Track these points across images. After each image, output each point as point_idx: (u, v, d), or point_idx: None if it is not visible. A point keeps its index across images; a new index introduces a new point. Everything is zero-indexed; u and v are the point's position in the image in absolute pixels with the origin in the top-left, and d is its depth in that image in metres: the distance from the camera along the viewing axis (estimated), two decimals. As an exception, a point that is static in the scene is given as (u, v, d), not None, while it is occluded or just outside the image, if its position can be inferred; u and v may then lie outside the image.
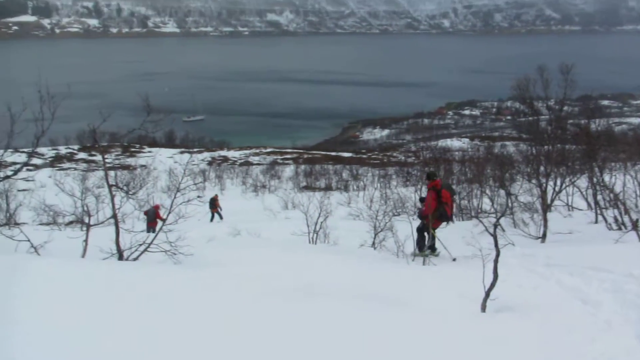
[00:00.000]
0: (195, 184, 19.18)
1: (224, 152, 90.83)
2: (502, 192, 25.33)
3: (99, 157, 75.70)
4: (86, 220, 14.12)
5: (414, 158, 59.14)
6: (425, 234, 15.37)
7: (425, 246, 15.38)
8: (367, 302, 9.49)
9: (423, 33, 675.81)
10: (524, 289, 10.67)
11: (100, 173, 51.87)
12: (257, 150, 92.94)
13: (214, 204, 34.47)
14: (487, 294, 9.38)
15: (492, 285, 9.41)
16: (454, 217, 16.06)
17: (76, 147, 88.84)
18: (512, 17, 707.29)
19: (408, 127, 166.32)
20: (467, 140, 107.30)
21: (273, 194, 48.24)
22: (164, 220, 13.85)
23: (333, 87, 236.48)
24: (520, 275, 11.62)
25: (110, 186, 13.79)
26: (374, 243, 18.39)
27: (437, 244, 15.57)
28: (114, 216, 13.33)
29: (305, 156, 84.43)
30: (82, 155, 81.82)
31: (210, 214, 34.46)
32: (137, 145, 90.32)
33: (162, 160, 69.73)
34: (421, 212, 15.44)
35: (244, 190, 53.60)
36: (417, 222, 16.50)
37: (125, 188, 15.81)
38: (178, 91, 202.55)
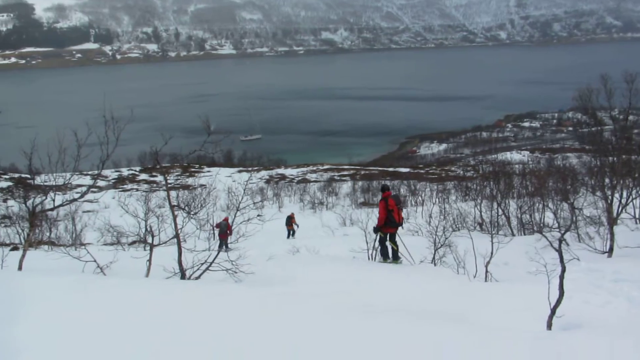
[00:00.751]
0: (254, 203, 19.36)
1: (281, 170, 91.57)
2: (565, 205, 24.69)
3: (160, 178, 77.42)
4: (149, 241, 14.44)
5: (473, 172, 58.36)
6: (387, 243, 17.28)
7: (389, 254, 17.25)
8: (432, 320, 9.35)
9: (479, 46, 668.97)
10: (591, 305, 10.34)
11: (162, 193, 53.04)
12: (314, 168, 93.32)
13: (290, 222, 35.22)
14: (553, 311, 9.13)
15: (558, 302, 9.15)
16: (403, 222, 17.93)
17: (138, 168, 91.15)
18: (572, 26, 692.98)
19: (466, 141, 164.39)
20: (527, 152, 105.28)
21: (331, 210, 48.34)
22: (231, 232, 14.00)
23: (389, 102, 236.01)
24: (587, 292, 11.27)
25: (172, 206, 14.07)
26: (434, 259, 18.17)
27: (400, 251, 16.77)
28: (177, 236, 13.59)
29: (363, 172, 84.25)
30: (143, 176, 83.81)
31: (287, 231, 35.24)
32: (197, 165, 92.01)
33: (221, 179, 70.82)
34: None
35: (302, 207, 53.84)
36: (476, 238, 16.25)
37: (186, 208, 16.08)
38: (235, 111, 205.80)
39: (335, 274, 14.12)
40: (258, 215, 34.99)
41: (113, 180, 79.68)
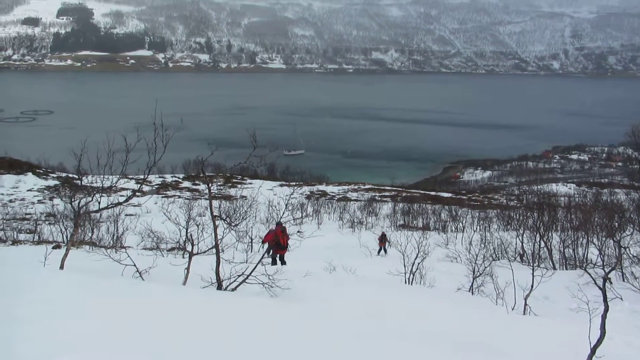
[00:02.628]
0: (294, 219, 19.44)
1: (322, 187, 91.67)
2: (610, 242, 24.13)
3: (203, 187, 78.23)
4: (188, 249, 14.60)
5: (516, 202, 57.55)
6: (277, 259, 23.40)
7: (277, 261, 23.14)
8: (469, 352, 9.20)
9: (531, 74, 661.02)
10: (634, 348, 10.06)
11: (204, 202, 53.59)
12: (355, 186, 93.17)
13: (383, 239, 36.07)
14: (593, 351, 8.89)
15: (599, 341, 8.91)
16: (288, 247, 23.93)
17: (181, 175, 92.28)
18: (628, 60, 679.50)
19: (511, 170, 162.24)
20: (573, 185, 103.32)
21: (370, 231, 48.12)
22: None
23: (436, 126, 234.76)
24: (629, 333, 10.97)
25: (213, 216, 14.21)
26: (471, 287, 17.93)
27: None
28: (216, 246, 13.70)
29: (404, 194, 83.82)
30: (186, 184, 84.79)
31: (378, 248, 35.93)
32: (240, 177, 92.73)
33: (263, 192, 71.32)
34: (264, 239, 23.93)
35: (341, 225, 53.72)
36: (516, 269, 16.04)
37: (227, 219, 16.21)
38: (280, 125, 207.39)
39: (370, 295, 14.05)
40: (298, 232, 35.04)
41: (156, 186, 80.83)
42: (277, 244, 23.37)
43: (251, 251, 30.38)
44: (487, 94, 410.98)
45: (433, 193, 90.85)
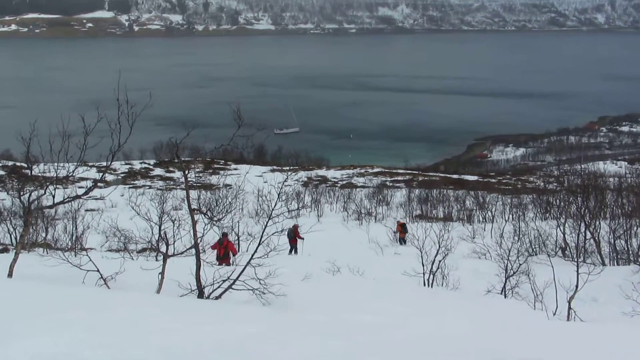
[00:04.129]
0: (289, 211, 19.40)
1: (322, 172, 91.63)
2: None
3: (179, 175, 78.12)
4: (163, 249, 14.55)
5: (556, 184, 57.51)
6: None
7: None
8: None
9: (571, 30, 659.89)
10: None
11: (181, 193, 53.52)
12: (362, 170, 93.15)
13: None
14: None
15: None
16: (235, 256, 25.62)
17: (152, 162, 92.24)
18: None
19: (549, 146, 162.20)
20: (624, 163, 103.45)
21: (380, 223, 48.07)
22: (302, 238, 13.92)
23: (456, 96, 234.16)
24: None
25: (191, 210, 14.16)
26: (504, 289, 17.94)
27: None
28: (195, 246, 13.66)
29: (421, 179, 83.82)
30: (158, 171, 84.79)
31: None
32: (222, 162, 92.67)
33: (251, 179, 71.23)
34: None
35: (345, 218, 53.66)
36: (557, 265, 16.05)
37: (208, 213, 16.16)
38: (268, 98, 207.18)
39: (383, 301, 14.03)
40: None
41: (123, 175, 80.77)
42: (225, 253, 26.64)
43: (238, 251, 30.39)
44: (518, 55, 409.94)
45: (455, 176, 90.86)
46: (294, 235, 33.99)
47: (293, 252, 34.32)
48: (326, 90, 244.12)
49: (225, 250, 26.51)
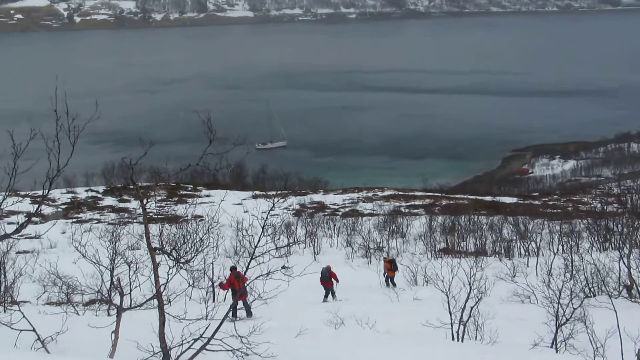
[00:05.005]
0: (277, 248, 19.28)
1: (318, 197, 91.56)
2: None
3: (135, 205, 77.96)
4: (116, 301, 14.49)
5: (617, 205, 57.49)
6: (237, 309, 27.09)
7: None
8: None
9: (627, 11, 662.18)
10: None
11: (138, 228, 53.38)
12: (370, 194, 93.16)
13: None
14: None
15: None
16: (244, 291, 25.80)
17: (101, 189, 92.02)
18: None
19: (606, 157, 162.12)
20: None
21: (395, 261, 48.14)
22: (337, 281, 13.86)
23: (485, 97, 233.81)
24: None
25: (152, 249, 14.10)
26: (555, 341, 17.89)
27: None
28: (158, 295, 13.60)
29: (444, 202, 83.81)
30: (109, 201, 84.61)
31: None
32: (190, 187, 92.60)
33: (227, 208, 71.12)
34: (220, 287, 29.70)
35: (350, 254, 53.60)
36: (622, 309, 16.02)
37: (174, 252, 16.11)
38: (247, 104, 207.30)
39: (400, 360, 13.97)
40: (283, 267, 34.99)
41: (64, 207, 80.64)
42: (233, 290, 28.58)
43: (213, 301, 30.31)
44: (562, 42, 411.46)
45: (489, 198, 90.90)
46: (329, 277, 34.91)
47: (330, 296, 34.98)
48: (319, 93, 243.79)
49: (242, 286, 27.11)
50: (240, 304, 27.63)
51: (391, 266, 39.00)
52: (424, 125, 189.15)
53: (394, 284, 38.31)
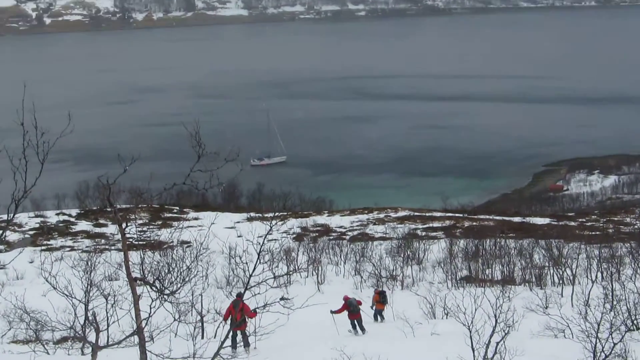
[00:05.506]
0: (275, 277, 19.35)
1: (322, 219, 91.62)
2: None
3: (112, 229, 78.04)
4: (91, 339, 14.56)
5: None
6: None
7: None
8: None
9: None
10: None
11: (116, 256, 53.45)
12: (381, 215, 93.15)
13: (383, 299, 38.46)
14: None
15: None
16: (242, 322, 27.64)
17: (74, 212, 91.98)
18: None
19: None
20: None
21: (409, 291, 48.07)
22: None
23: (513, 104, 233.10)
24: None
25: (132, 280, 14.18)
26: (594, 382, 17.92)
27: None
28: (139, 331, 13.66)
29: (467, 224, 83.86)
30: (83, 225, 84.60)
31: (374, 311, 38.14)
32: (175, 209, 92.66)
33: (218, 232, 71.11)
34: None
35: (358, 284, 53.60)
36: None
37: (158, 283, 16.18)
38: (239, 115, 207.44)
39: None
40: (282, 299, 35.01)
41: (32, 233, 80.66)
42: (232, 320, 28.32)
43: (202, 337, 30.38)
44: (600, 42, 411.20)
45: (518, 219, 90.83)
46: (357, 308, 35.43)
47: (358, 329, 35.34)
48: (322, 102, 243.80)
49: (242, 315, 27.81)
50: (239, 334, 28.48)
51: (380, 298, 39.40)
52: (441, 138, 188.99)
53: (382, 318, 38.93)
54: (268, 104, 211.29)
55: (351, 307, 35.05)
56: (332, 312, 35.03)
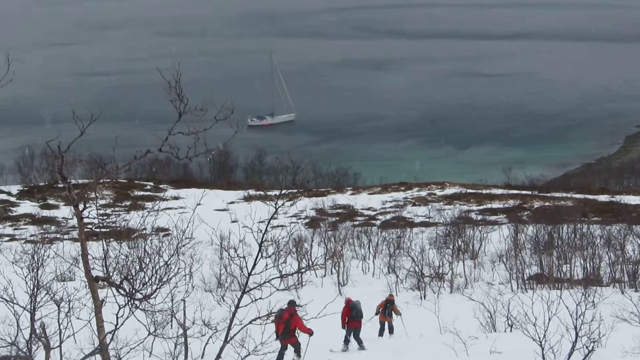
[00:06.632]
0: (281, 276, 19.31)
1: (344, 197, 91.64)
2: None
3: (66, 212, 78.10)
4: (39, 358, 14.59)
5: None
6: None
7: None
8: None
9: None
10: None
11: (71, 248, 53.61)
12: (423, 192, 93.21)
13: (390, 310, 38.51)
14: None
15: None
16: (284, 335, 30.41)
17: (14, 189, 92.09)
18: None
19: None
20: None
21: (461, 294, 48.11)
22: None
23: (596, 43, 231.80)
24: None
25: (92, 279, 14.20)
26: None
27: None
28: (102, 349, 13.70)
29: (537, 204, 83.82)
30: (26, 207, 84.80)
31: (380, 324, 38.41)
32: (149, 185, 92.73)
33: (206, 215, 71.07)
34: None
35: (393, 285, 53.58)
36: None
37: (126, 285, 16.18)
38: (232, 60, 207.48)
39: None
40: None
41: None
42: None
43: (185, 357, 30.48)
44: None
45: (604, 198, 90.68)
46: (360, 316, 35.85)
47: (353, 341, 36.12)
48: (335, 41, 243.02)
49: (285, 326, 29.83)
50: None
51: (385, 308, 39.37)
52: (498, 89, 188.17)
53: (391, 330, 39.14)
54: (266, 44, 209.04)
55: (353, 312, 35.31)
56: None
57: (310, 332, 30.29)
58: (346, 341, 35.39)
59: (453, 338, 33.24)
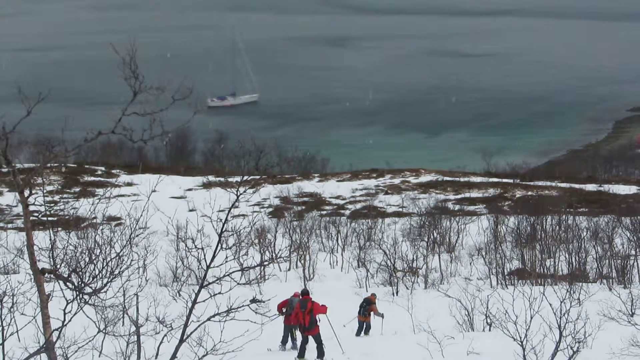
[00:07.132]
0: (242, 269, 19.27)
1: (311, 184, 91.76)
2: None
3: (10, 200, 78.03)
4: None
5: None
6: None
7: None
8: None
9: None
10: None
11: (15, 238, 53.54)
12: (397, 179, 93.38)
13: (366, 310, 39.14)
14: None
15: None
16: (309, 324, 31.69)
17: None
18: None
19: None
20: None
21: (436, 290, 48.22)
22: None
23: (579, 22, 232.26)
24: None
25: (38, 271, 14.13)
26: None
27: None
28: (48, 348, 13.64)
29: (519, 194, 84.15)
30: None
31: (358, 324, 39.18)
32: (102, 169, 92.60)
33: (161, 203, 71.22)
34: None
35: (362, 280, 53.67)
36: None
37: (74, 278, 16.13)
38: (194, 35, 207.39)
39: None
40: (253, 301, 35.06)
41: None
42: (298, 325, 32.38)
43: (138, 357, 30.47)
44: None
45: (592, 187, 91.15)
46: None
47: (291, 342, 36.38)
48: (300, 16, 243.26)
49: (311, 317, 31.08)
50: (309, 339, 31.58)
51: (364, 308, 39.57)
52: (477, 70, 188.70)
53: (367, 331, 39.59)
54: (225, 18, 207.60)
55: (288, 309, 34.76)
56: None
57: (325, 310, 31.51)
58: (284, 341, 35.32)
59: (427, 337, 33.30)
